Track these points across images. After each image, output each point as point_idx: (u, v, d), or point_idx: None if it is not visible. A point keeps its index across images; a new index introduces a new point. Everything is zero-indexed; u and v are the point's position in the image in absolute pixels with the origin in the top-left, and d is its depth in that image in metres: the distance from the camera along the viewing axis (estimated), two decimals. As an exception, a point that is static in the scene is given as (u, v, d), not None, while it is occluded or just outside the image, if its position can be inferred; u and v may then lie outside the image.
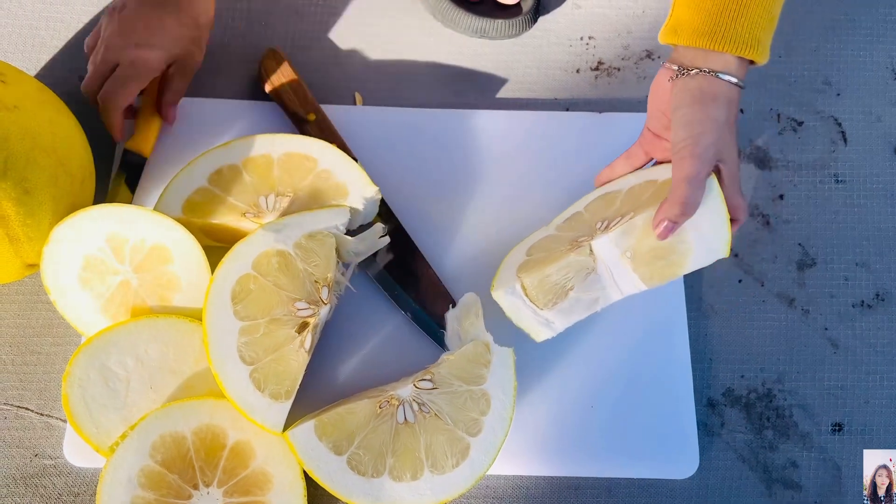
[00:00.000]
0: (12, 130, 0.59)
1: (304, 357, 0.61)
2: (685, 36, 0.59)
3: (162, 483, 0.59)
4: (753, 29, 0.57)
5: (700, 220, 0.59)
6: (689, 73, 0.59)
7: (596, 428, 0.67)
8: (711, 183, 0.58)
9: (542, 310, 0.63)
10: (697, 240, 0.59)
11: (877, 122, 0.80)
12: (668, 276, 0.61)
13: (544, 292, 0.63)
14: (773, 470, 0.69)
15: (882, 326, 0.73)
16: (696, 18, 0.58)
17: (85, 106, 0.76)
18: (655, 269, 0.61)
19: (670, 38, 0.60)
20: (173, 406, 0.61)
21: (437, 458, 0.61)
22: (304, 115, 0.74)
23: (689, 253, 0.60)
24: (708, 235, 0.59)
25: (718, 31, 0.57)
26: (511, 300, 0.64)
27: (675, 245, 0.60)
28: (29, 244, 0.62)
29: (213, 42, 0.80)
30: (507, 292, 0.64)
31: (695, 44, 0.58)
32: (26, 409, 0.67)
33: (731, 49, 0.57)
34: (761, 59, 0.59)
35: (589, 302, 0.63)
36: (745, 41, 0.57)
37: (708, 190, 0.58)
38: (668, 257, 0.60)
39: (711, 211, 0.58)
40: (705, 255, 0.59)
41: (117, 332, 0.63)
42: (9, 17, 0.79)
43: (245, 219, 0.67)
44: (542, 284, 0.63)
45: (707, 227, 0.59)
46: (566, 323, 0.64)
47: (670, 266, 0.60)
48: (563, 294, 0.63)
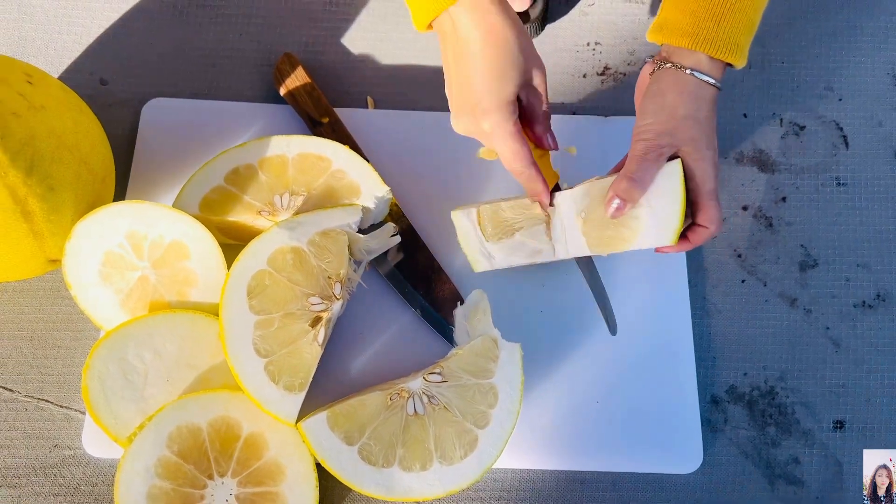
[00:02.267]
0: (39, 129, 0.61)
1: (317, 350, 0.63)
2: (669, 34, 0.61)
3: (178, 473, 0.61)
4: (734, 33, 0.60)
5: (655, 201, 0.60)
6: (663, 67, 0.61)
7: (602, 423, 0.69)
8: (674, 168, 0.59)
9: (487, 241, 0.66)
10: (650, 218, 0.60)
11: (878, 127, 0.81)
12: (614, 247, 0.62)
13: (493, 224, 0.66)
14: (776, 466, 0.70)
15: (883, 326, 0.74)
16: (681, 19, 0.60)
17: (105, 107, 0.78)
18: (604, 237, 0.62)
19: (655, 36, 0.62)
20: (189, 398, 0.62)
21: (445, 449, 0.62)
22: (318, 117, 0.76)
23: (639, 230, 0.61)
24: (660, 217, 0.60)
25: (701, 32, 0.59)
26: (464, 223, 0.67)
27: (628, 220, 0.61)
28: (52, 240, 0.64)
29: (230, 47, 0.82)
30: (463, 215, 0.67)
31: (677, 43, 0.60)
32: (46, 401, 0.69)
33: (712, 51, 0.59)
34: (739, 62, 0.60)
35: (532, 250, 0.66)
36: (726, 44, 0.59)
37: (668, 174, 0.59)
38: (619, 228, 0.62)
39: (668, 194, 0.59)
40: (653, 237, 0.61)
41: (136, 327, 0.65)
42: (33, 23, 0.82)
43: (260, 217, 0.69)
44: (494, 216, 0.66)
45: (660, 209, 0.60)
46: (506, 261, 0.67)
47: (619, 238, 0.62)
48: (509, 232, 0.66)
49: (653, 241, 0.61)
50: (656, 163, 0.59)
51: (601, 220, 0.62)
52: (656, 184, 0.60)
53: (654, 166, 0.59)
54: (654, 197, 0.60)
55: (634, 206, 0.61)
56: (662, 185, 0.60)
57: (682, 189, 0.59)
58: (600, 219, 0.62)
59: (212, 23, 0.83)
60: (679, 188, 0.59)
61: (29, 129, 0.60)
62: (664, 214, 0.60)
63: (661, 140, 0.59)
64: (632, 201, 0.60)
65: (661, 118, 0.60)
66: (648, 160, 0.59)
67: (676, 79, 0.60)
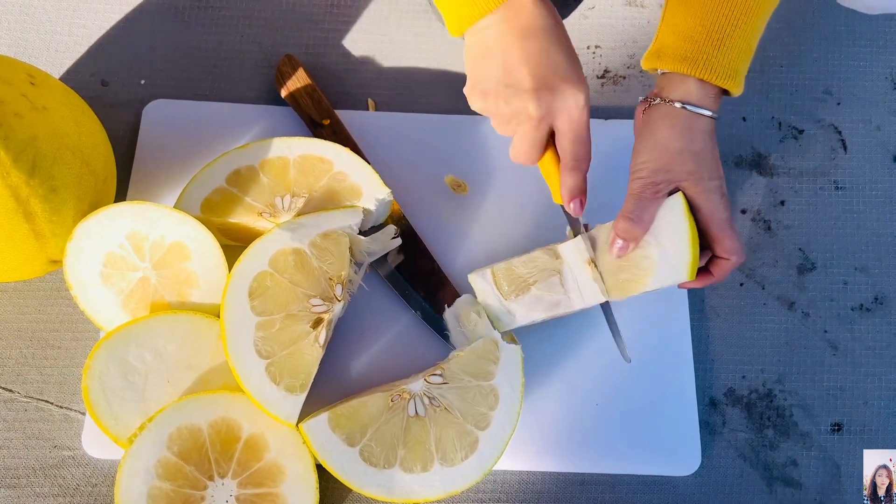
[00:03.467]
0: (41, 130, 0.61)
1: (318, 351, 0.63)
2: (667, 61, 0.60)
3: (178, 474, 0.61)
4: (733, 59, 0.59)
5: (663, 238, 0.60)
6: (653, 104, 0.61)
7: (601, 425, 0.69)
8: (676, 202, 0.59)
9: (505, 299, 0.66)
10: (660, 257, 0.60)
11: (876, 131, 0.82)
12: (630, 290, 0.62)
13: (509, 282, 0.66)
14: (774, 468, 0.70)
15: (880, 329, 0.75)
16: (679, 44, 0.59)
17: (106, 108, 0.78)
18: (618, 281, 0.62)
19: (652, 63, 0.62)
20: (190, 399, 0.63)
21: (446, 450, 0.62)
22: (319, 119, 0.76)
23: (652, 269, 0.61)
24: (671, 254, 0.60)
25: (701, 58, 0.58)
26: (481, 284, 0.67)
27: (639, 260, 0.61)
28: (53, 240, 0.64)
29: (231, 48, 0.82)
30: (479, 276, 0.67)
31: (676, 69, 0.59)
32: (46, 401, 0.69)
33: (710, 77, 0.58)
34: (736, 89, 0.60)
35: (550, 303, 0.65)
36: (724, 70, 0.59)
37: (670, 209, 0.59)
38: (631, 271, 0.62)
39: (674, 230, 0.59)
40: (668, 275, 0.60)
41: (137, 327, 0.65)
42: (35, 23, 0.82)
43: (261, 218, 0.69)
44: (508, 273, 0.66)
45: (670, 246, 0.60)
46: (526, 318, 0.66)
47: (633, 281, 0.62)
48: (525, 288, 0.65)
49: (669, 279, 0.60)
50: (654, 200, 0.59)
51: (613, 266, 0.62)
52: (662, 221, 0.60)
53: (653, 204, 0.60)
54: (662, 234, 0.60)
55: (637, 245, 0.61)
56: (667, 222, 0.60)
57: (688, 222, 0.59)
58: (611, 264, 0.62)
59: (213, 24, 0.83)
60: (684, 222, 0.59)
61: (31, 129, 0.60)
62: (675, 251, 0.60)
63: (656, 177, 0.59)
64: (633, 240, 0.60)
65: (654, 155, 0.60)
66: (645, 198, 0.59)
67: (667, 113, 0.60)
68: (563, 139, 0.58)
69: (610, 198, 0.74)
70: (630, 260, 0.61)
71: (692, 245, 0.59)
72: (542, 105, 0.56)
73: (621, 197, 0.70)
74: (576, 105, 0.56)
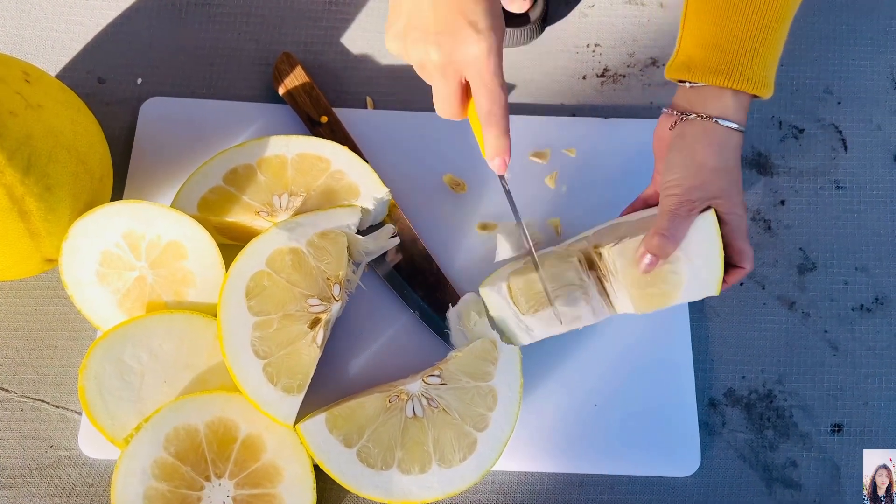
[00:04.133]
0: (36, 128, 0.60)
1: (315, 352, 0.63)
2: (699, 74, 0.58)
3: (175, 474, 0.61)
4: (767, 67, 0.58)
5: (693, 253, 0.60)
6: (687, 119, 0.60)
7: (600, 426, 0.69)
8: (708, 219, 0.59)
9: (523, 315, 0.64)
10: (690, 272, 0.60)
11: (877, 131, 0.81)
12: (658, 304, 0.62)
13: (528, 297, 0.64)
14: (774, 469, 0.70)
15: (881, 330, 0.75)
16: (711, 57, 0.58)
17: (103, 106, 0.77)
18: (646, 295, 0.62)
19: (681, 74, 0.60)
20: (186, 399, 0.62)
21: (444, 451, 0.62)
22: (317, 117, 0.76)
23: (681, 284, 0.61)
24: (700, 269, 0.60)
25: (735, 69, 0.57)
26: (496, 299, 0.65)
27: (668, 275, 0.61)
28: (49, 239, 0.64)
29: (229, 46, 0.82)
30: (493, 291, 0.65)
31: (711, 81, 0.58)
32: (42, 401, 0.69)
33: (748, 87, 0.57)
34: (768, 94, 0.59)
35: (571, 317, 0.64)
36: (760, 79, 0.58)
37: (703, 225, 0.59)
38: (659, 286, 0.61)
39: (705, 246, 0.59)
40: (696, 289, 0.60)
41: (133, 327, 0.64)
42: (30, 20, 0.81)
43: (259, 217, 0.69)
44: (528, 289, 0.64)
45: (700, 262, 0.60)
46: (545, 332, 0.64)
47: (661, 295, 0.61)
48: (545, 303, 0.63)
49: (698, 294, 0.61)
50: (688, 218, 0.59)
51: (641, 280, 0.61)
52: (692, 237, 0.60)
53: (686, 222, 0.59)
54: (692, 250, 0.60)
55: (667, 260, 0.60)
56: (698, 238, 0.60)
57: (719, 240, 0.59)
58: (640, 278, 0.61)
59: (210, 21, 0.83)
60: (716, 240, 0.59)
61: (26, 128, 0.60)
62: (705, 267, 0.60)
63: (691, 195, 0.59)
64: (664, 257, 0.60)
65: (690, 172, 0.59)
66: (680, 216, 0.59)
67: (703, 129, 0.59)
68: (475, 93, 0.53)
69: (611, 196, 0.74)
70: (658, 275, 0.61)
71: (721, 261, 0.59)
72: (444, 52, 0.51)
73: (622, 195, 0.71)
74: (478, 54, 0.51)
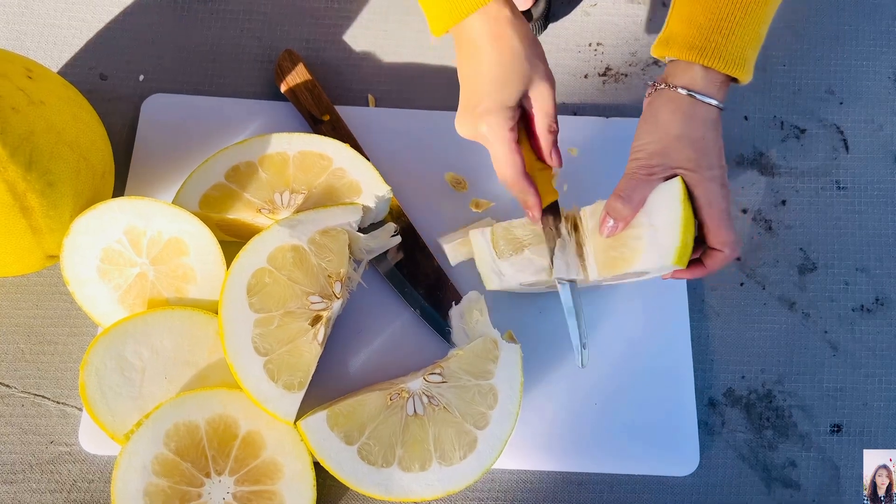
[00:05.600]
0: (38, 125, 0.60)
1: (316, 349, 0.63)
2: (676, 49, 0.60)
3: (175, 471, 0.61)
4: (742, 47, 0.59)
5: (657, 220, 0.60)
6: (657, 89, 0.61)
7: (600, 425, 0.69)
8: (673, 187, 0.59)
9: (499, 258, 0.67)
10: (650, 239, 0.60)
11: (878, 131, 0.81)
12: (617, 268, 0.62)
13: (505, 241, 0.67)
14: (773, 469, 0.70)
15: (881, 330, 0.75)
16: (688, 32, 0.59)
17: (105, 102, 0.78)
18: (609, 258, 0.62)
19: (661, 50, 0.62)
20: (187, 396, 0.62)
21: (445, 449, 0.62)
22: (319, 115, 0.76)
23: (641, 250, 0.60)
24: (661, 237, 0.59)
25: (709, 46, 0.58)
26: (479, 241, 0.69)
27: (630, 239, 0.61)
28: (51, 235, 0.64)
29: (231, 43, 0.82)
30: (479, 233, 0.68)
31: (684, 57, 0.59)
32: (43, 396, 0.69)
33: (719, 66, 0.58)
34: (745, 77, 0.60)
35: (539, 267, 0.66)
36: (734, 59, 0.59)
37: (667, 192, 0.59)
38: (620, 250, 0.62)
39: (668, 211, 0.59)
40: (655, 256, 0.60)
41: (134, 323, 0.64)
42: (33, 16, 0.81)
43: (260, 214, 0.69)
44: (506, 234, 0.67)
45: (661, 229, 0.59)
46: (514, 279, 0.67)
47: (621, 259, 0.62)
48: (519, 248, 0.66)
49: (655, 262, 0.60)
50: (647, 182, 0.60)
51: (605, 242, 0.62)
52: (657, 203, 0.60)
53: (645, 186, 0.60)
54: (656, 217, 0.60)
55: (626, 225, 0.61)
56: (662, 205, 0.59)
57: (682, 208, 0.58)
58: (604, 240, 0.63)
59: (213, 18, 0.83)
60: (677, 206, 0.58)
61: (28, 124, 0.60)
62: (665, 234, 0.59)
63: (652, 160, 0.60)
64: (621, 220, 0.61)
65: (654, 137, 0.60)
66: (638, 179, 0.60)
67: (669, 98, 0.60)
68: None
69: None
70: (621, 239, 0.62)
71: (683, 231, 0.58)
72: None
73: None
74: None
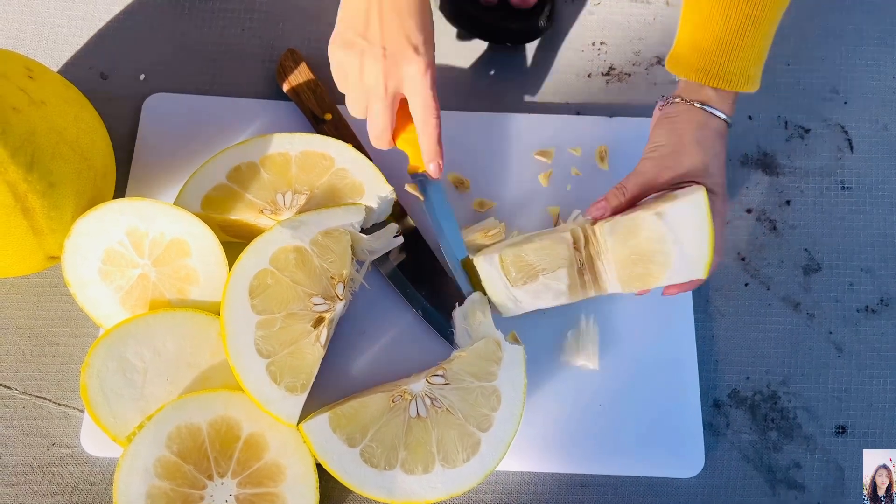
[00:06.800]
0: (39, 125, 0.60)
1: (319, 351, 0.62)
2: (683, 70, 0.65)
3: (177, 473, 0.61)
4: (745, 66, 0.63)
5: (683, 233, 0.60)
6: (672, 102, 0.65)
7: (604, 426, 0.68)
8: (699, 198, 0.59)
9: (512, 286, 0.65)
10: (677, 252, 0.60)
11: (883, 131, 0.81)
12: (644, 283, 0.62)
13: (517, 269, 0.65)
14: (777, 470, 0.70)
15: (886, 331, 0.74)
16: (693, 55, 0.64)
17: (106, 102, 0.77)
18: (633, 274, 0.62)
19: (673, 69, 0.66)
20: (189, 398, 0.62)
21: (448, 452, 0.62)
22: (321, 114, 0.75)
23: (668, 265, 0.61)
24: (689, 250, 0.60)
25: (713, 69, 0.63)
26: (488, 269, 0.66)
27: (655, 254, 0.61)
28: (52, 236, 0.63)
29: (232, 42, 0.81)
30: (486, 261, 0.66)
31: (692, 78, 0.64)
32: (44, 398, 0.69)
33: (724, 85, 0.63)
34: (752, 89, 0.64)
35: (557, 292, 0.65)
36: (738, 78, 0.63)
37: (693, 204, 0.60)
38: (646, 265, 0.62)
39: (695, 226, 0.60)
40: (683, 270, 0.61)
41: (136, 325, 0.64)
42: (33, 15, 0.81)
43: (262, 215, 0.68)
44: (517, 261, 0.65)
45: (689, 242, 0.60)
46: (532, 305, 0.66)
47: (648, 274, 0.62)
48: (533, 275, 0.65)
49: (685, 276, 0.61)
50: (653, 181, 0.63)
51: (628, 257, 0.62)
52: (682, 217, 0.60)
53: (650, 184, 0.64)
54: (681, 231, 0.60)
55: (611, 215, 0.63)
56: (689, 219, 0.60)
57: (709, 221, 0.60)
58: (627, 256, 0.62)
59: (214, 17, 0.82)
60: (706, 219, 0.60)
61: (29, 124, 0.59)
62: (693, 248, 0.60)
63: (664, 162, 0.63)
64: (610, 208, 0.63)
65: (669, 141, 0.63)
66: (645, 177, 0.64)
67: (686, 108, 0.64)
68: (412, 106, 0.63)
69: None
70: (646, 255, 0.62)
71: (711, 243, 0.60)
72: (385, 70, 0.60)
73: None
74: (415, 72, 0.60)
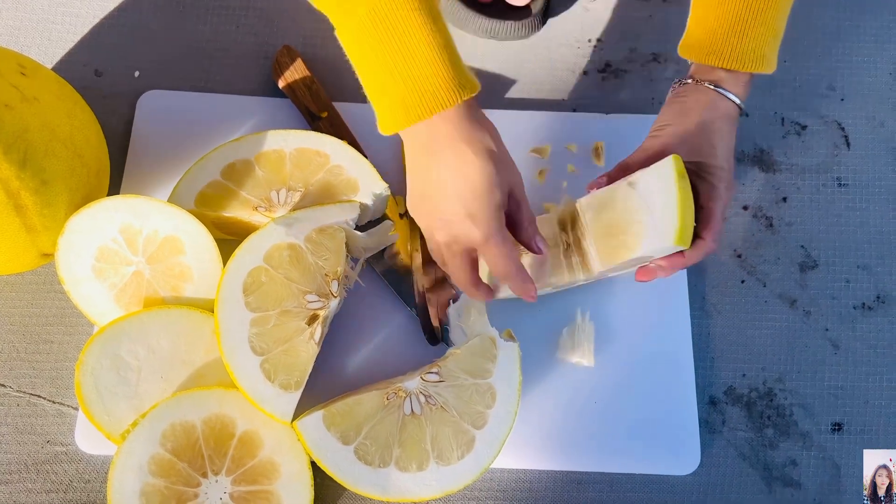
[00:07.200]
0: (32, 122, 0.60)
1: (313, 348, 0.62)
2: (696, 53, 0.63)
3: (172, 471, 0.60)
4: (758, 46, 0.61)
5: (654, 201, 0.59)
6: (683, 83, 0.64)
7: (599, 423, 0.68)
8: (666, 166, 0.58)
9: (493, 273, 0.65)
10: (650, 222, 0.59)
11: (879, 128, 0.81)
12: (620, 256, 0.61)
13: None
14: (773, 468, 0.70)
15: (882, 328, 0.74)
16: (704, 38, 0.62)
17: (99, 99, 0.77)
18: (609, 246, 0.62)
19: (684, 53, 0.65)
20: (183, 395, 0.62)
21: (442, 449, 0.62)
22: (317, 111, 0.75)
23: (641, 235, 0.60)
24: (658, 218, 0.59)
25: (725, 49, 0.61)
26: None
27: (630, 225, 0.61)
28: (45, 234, 0.63)
29: (228, 39, 0.81)
30: None
31: (704, 61, 0.62)
32: (38, 396, 0.68)
33: (738, 66, 0.61)
34: (768, 70, 0.62)
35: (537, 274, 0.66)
36: (752, 58, 0.61)
37: (659, 171, 0.59)
38: (620, 237, 0.61)
39: (665, 193, 0.58)
40: (656, 240, 0.59)
41: (130, 322, 0.64)
42: (26, 12, 0.81)
43: (257, 212, 0.68)
44: None
45: (659, 210, 0.59)
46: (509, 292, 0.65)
47: (623, 246, 0.61)
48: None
49: (657, 245, 0.59)
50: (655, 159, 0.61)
51: (604, 231, 0.62)
52: (650, 185, 0.59)
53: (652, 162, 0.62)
54: (652, 199, 0.59)
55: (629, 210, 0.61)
56: (655, 186, 0.59)
57: (678, 188, 0.58)
58: (602, 229, 0.62)
59: (209, 14, 0.82)
60: (672, 187, 0.58)
61: (22, 121, 0.59)
62: (662, 216, 0.59)
63: (670, 140, 0.62)
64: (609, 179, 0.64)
65: (676, 121, 0.63)
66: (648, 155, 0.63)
67: (696, 89, 0.63)
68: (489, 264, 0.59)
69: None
70: (620, 226, 0.61)
71: (681, 210, 0.57)
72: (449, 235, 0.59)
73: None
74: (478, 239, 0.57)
